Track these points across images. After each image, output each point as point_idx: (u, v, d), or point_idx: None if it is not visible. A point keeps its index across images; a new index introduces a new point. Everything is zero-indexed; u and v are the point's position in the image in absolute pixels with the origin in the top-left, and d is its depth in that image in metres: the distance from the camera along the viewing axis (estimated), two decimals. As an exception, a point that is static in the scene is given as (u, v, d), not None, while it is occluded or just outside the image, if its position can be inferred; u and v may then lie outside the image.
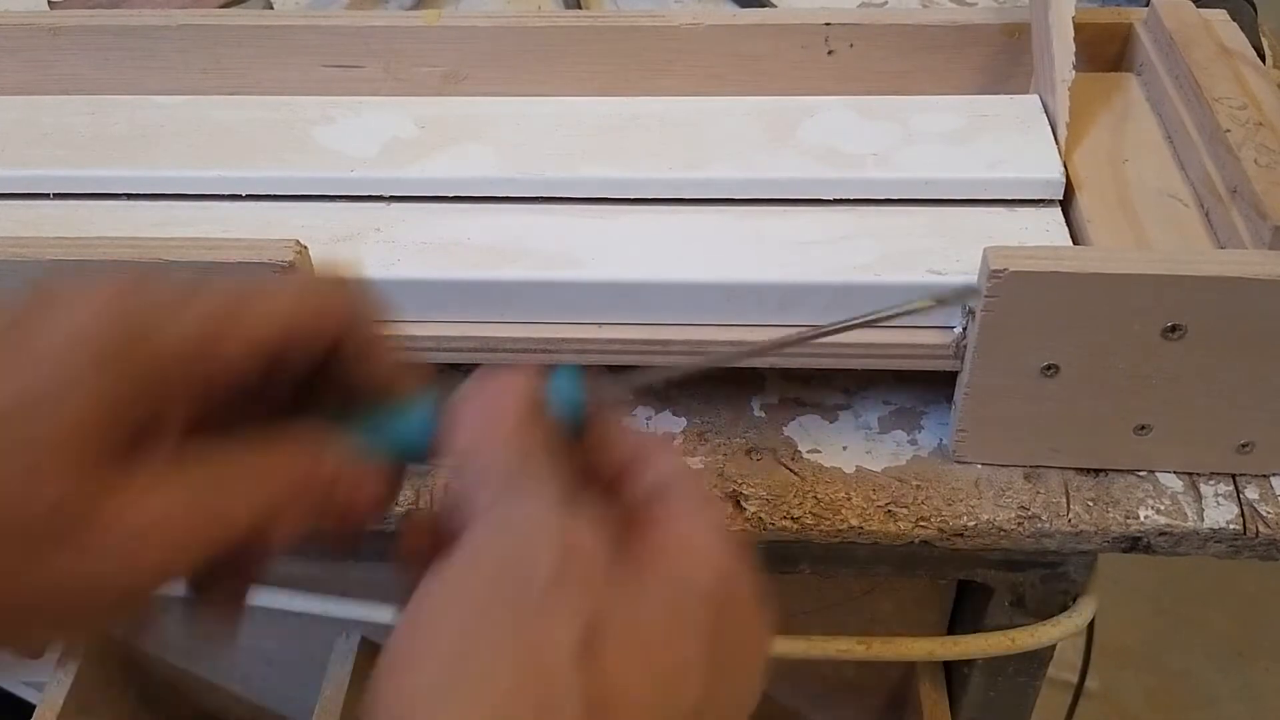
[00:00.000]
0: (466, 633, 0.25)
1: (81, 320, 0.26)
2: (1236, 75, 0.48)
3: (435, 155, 0.48)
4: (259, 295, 0.29)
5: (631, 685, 0.25)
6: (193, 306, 0.28)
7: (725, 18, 0.53)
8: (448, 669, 0.24)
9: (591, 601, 0.25)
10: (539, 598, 0.25)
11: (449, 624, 0.25)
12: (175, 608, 0.61)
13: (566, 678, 0.24)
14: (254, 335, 0.28)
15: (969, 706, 0.62)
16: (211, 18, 0.54)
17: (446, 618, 0.25)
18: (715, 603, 0.27)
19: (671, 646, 0.26)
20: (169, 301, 0.27)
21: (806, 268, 0.43)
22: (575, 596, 0.25)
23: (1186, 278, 0.38)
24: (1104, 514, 0.44)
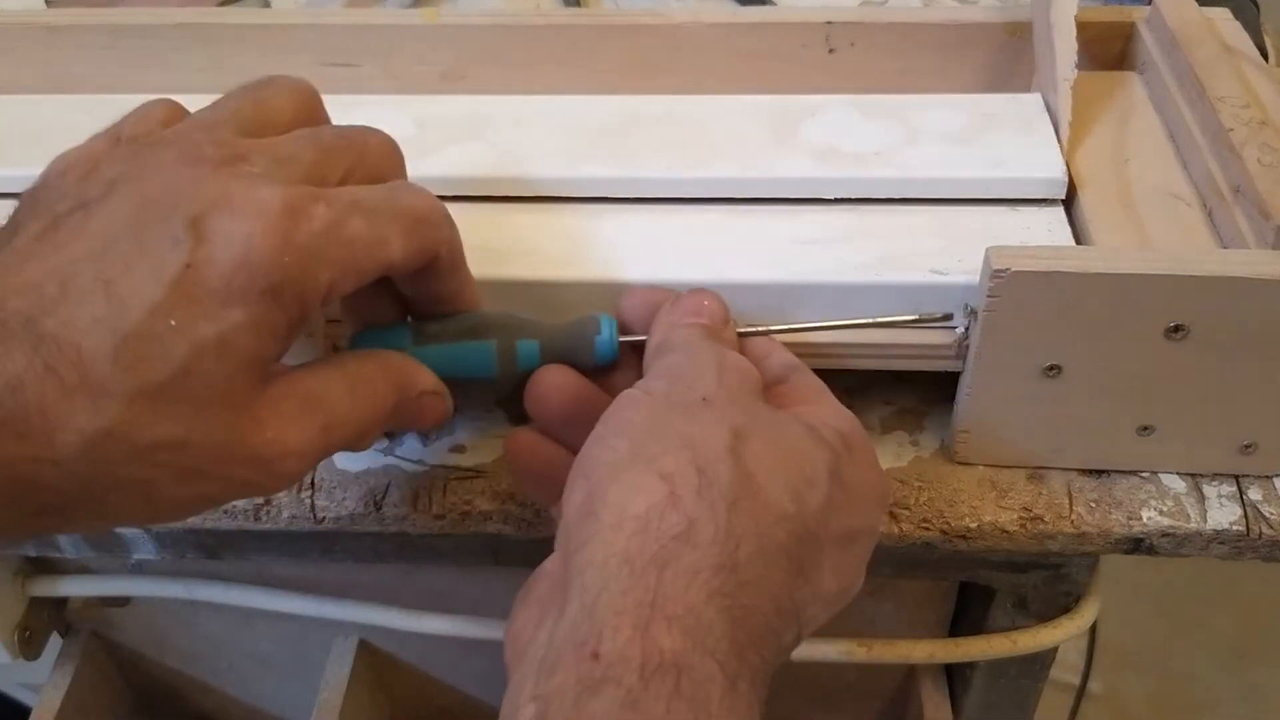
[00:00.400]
0: (648, 425, 0.33)
1: (252, 257, 0.30)
2: (1239, 74, 0.47)
3: (433, 154, 0.48)
4: (380, 232, 0.34)
5: (766, 480, 0.31)
6: (336, 243, 0.32)
7: (725, 16, 0.53)
8: (634, 444, 0.32)
9: (741, 415, 0.33)
10: (700, 404, 0.33)
11: (636, 417, 0.33)
12: (173, 609, 0.61)
13: (717, 459, 0.31)
14: (371, 269, 0.34)
15: (971, 708, 0.62)
16: (209, 16, 0.54)
17: (636, 413, 0.33)
18: (839, 446, 0.34)
19: (800, 464, 0.33)
20: (321, 233, 0.32)
21: (808, 267, 0.43)
22: (728, 407, 0.33)
23: (1189, 278, 0.38)
24: (1107, 515, 0.44)
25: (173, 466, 0.30)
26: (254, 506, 0.46)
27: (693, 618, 0.28)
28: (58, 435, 0.29)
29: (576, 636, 0.28)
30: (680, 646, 0.28)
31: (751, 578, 0.30)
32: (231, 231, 0.31)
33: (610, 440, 0.33)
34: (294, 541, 0.53)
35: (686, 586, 0.28)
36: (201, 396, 0.30)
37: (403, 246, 0.34)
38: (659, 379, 0.35)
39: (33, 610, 0.62)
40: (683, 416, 0.32)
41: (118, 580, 0.60)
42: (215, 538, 0.53)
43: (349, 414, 0.34)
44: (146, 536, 0.53)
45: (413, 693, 0.71)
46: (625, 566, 0.29)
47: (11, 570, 0.60)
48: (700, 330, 0.38)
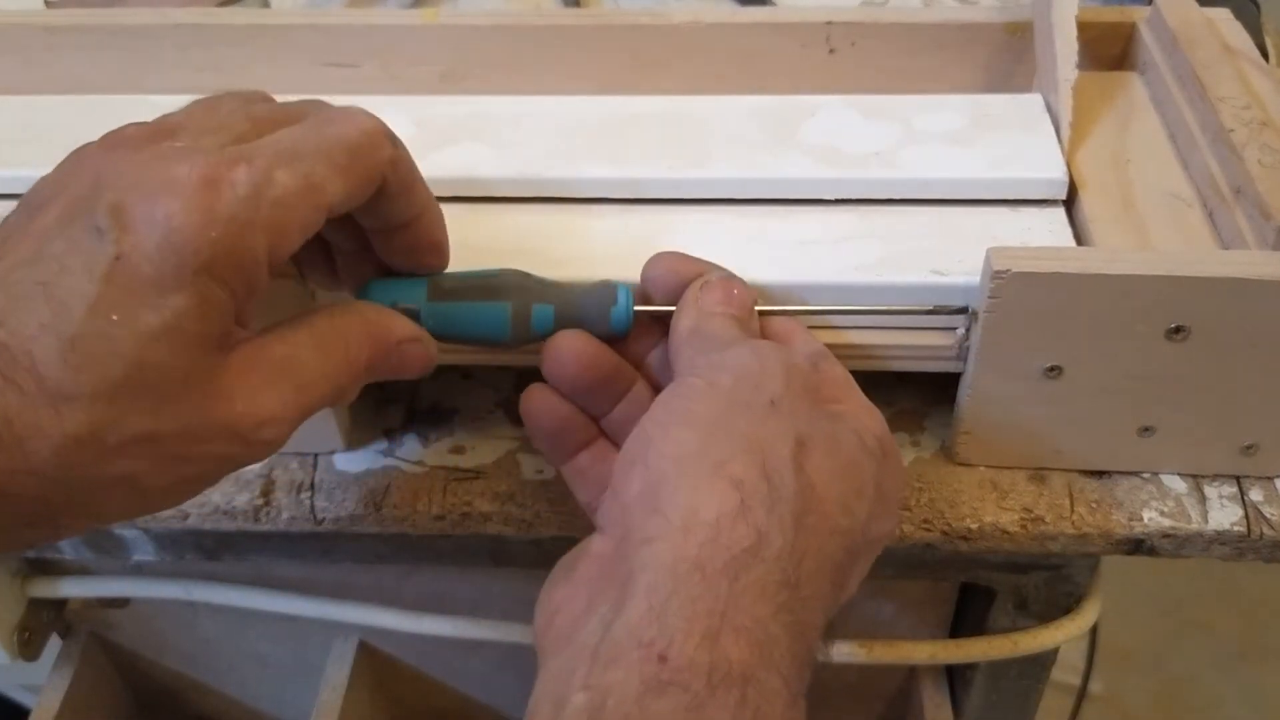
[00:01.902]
0: (715, 421, 0.32)
1: (177, 237, 0.29)
2: (1240, 75, 0.47)
3: (433, 154, 0.48)
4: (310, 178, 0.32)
5: (827, 489, 0.32)
6: (264, 206, 0.31)
7: (726, 16, 0.53)
8: (701, 441, 0.32)
9: (804, 422, 0.33)
10: (768, 407, 0.33)
11: (701, 410, 0.33)
12: (172, 611, 0.61)
13: (784, 467, 0.31)
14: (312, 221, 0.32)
15: (972, 710, 0.62)
16: (208, 16, 0.54)
17: (700, 405, 0.33)
18: (880, 451, 0.35)
19: (852, 475, 0.33)
20: (246, 199, 0.30)
21: (808, 267, 0.43)
22: (792, 413, 0.33)
23: (1190, 279, 0.38)
24: (1108, 516, 0.44)
25: (150, 458, 0.30)
26: (253, 508, 0.46)
27: (761, 631, 0.29)
28: (28, 445, 0.29)
29: (643, 635, 0.28)
30: (748, 659, 0.28)
31: (810, 593, 0.31)
32: (151, 215, 0.30)
33: (674, 430, 0.33)
34: (293, 542, 0.53)
35: (756, 600, 0.29)
36: (161, 385, 0.30)
37: (341, 186, 0.33)
38: (723, 373, 0.34)
39: (32, 611, 0.62)
40: (749, 418, 0.33)
41: (117, 581, 0.60)
42: (215, 539, 0.53)
43: (322, 372, 0.34)
44: (146, 537, 0.53)
45: (412, 693, 0.70)
46: (697, 573, 0.29)
47: (11, 571, 0.60)
48: (736, 323, 0.38)
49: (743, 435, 0.32)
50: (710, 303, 0.38)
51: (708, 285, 0.39)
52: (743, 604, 0.29)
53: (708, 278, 0.39)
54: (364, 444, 0.48)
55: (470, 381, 0.50)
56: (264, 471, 0.47)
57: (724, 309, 0.38)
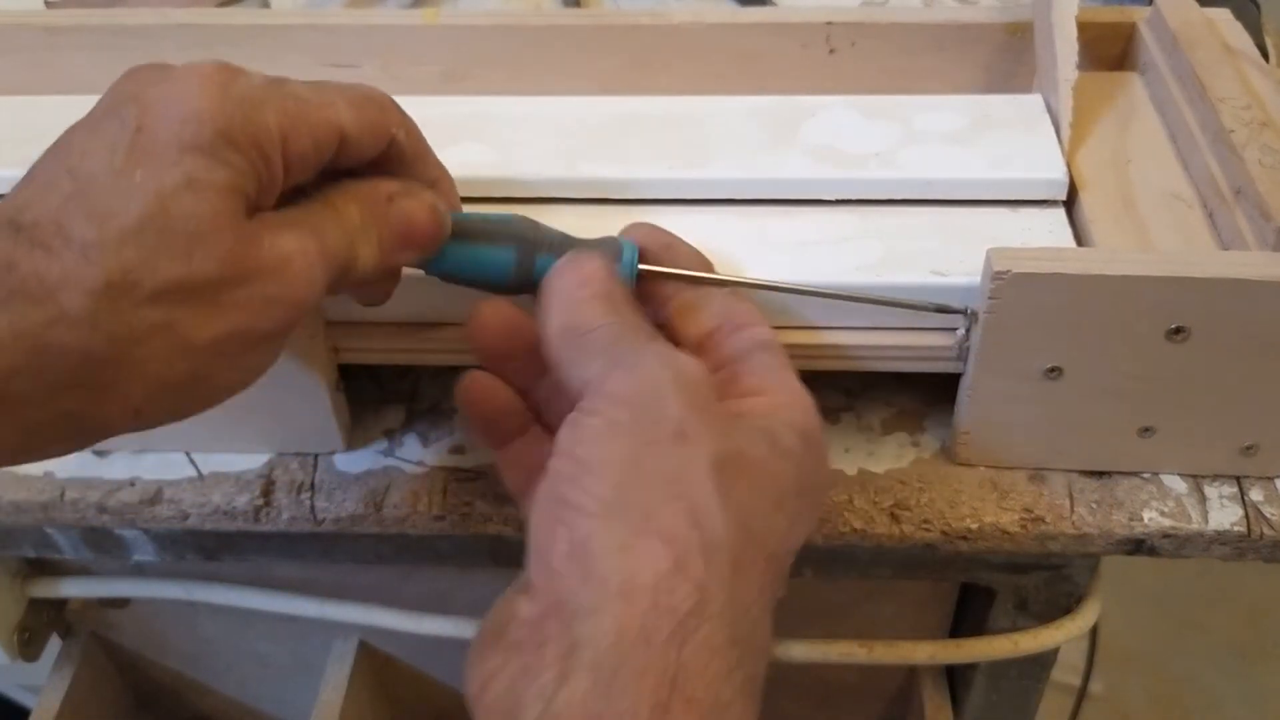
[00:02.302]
0: (625, 466, 0.31)
1: (195, 107, 0.31)
2: (1240, 75, 0.47)
3: (434, 155, 0.48)
4: (322, 95, 0.34)
5: (751, 521, 0.31)
6: (276, 95, 0.33)
7: (726, 16, 0.53)
8: (617, 492, 0.30)
9: (715, 440, 0.32)
10: (675, 438, 0.31)
11: (610, 456, 0.31)
12: (172, 611, 0.61)
13: (709, 505, 0.30)
14: (322, 130, 0.34)
15: (972, 710, 0.62)
16: (209, 16, 0.54)
17: (607, 451, 0.31)
18: (799, 449, 0.34)
19: (772, 484, 0.32)
20: (259, 86, 0.33)
21: (808, 268, 0.43)
22: (701, 435, 0.31)
23: (1190, 279, 0.38)
24: (1108, 516, 0.44)
25: (185, 303, 0.31)
26: (253, 508, 0.46)
27: (711, 698, 0.28)
28: (62, 295, 0.30)
29: (589, 712, 0.27)
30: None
31: (758, 640, 0.30)
32: (171, 93, 0.32)
33: (587, 484, 0.31)
34: (294, 543, 0.53)
35: (706, 664, 0.28)
36: (188, 230, 0.31)
37: (352, 115, 0.35)
38: (617, 407, 0.32)
39: (32, 611, 0.62)
40: (660, 456, 0.31)
41: (117, 581, 0.60)
42: (215, 539, 0.53)
43: (321, 226, 0.35)
44: (146, 537, 0.53)
45: (412, 694, 0.70)
46: (642, 644, 0.28)
47: (11, 571, 0.60)
48: (603, 302, 0.35)
49: (658, 478, 0.31)
50: (571, 287, 0.36)
51: (559, 271, 0.37)
52: (692, 670, 0.28)
53: (557, 265, 0.37)
54: (364, 444, 0.48)
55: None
56: (264, 472, 0.47)
57: (586, 290, 0.36)
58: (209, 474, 0.47)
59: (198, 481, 0.47)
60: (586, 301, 0.36)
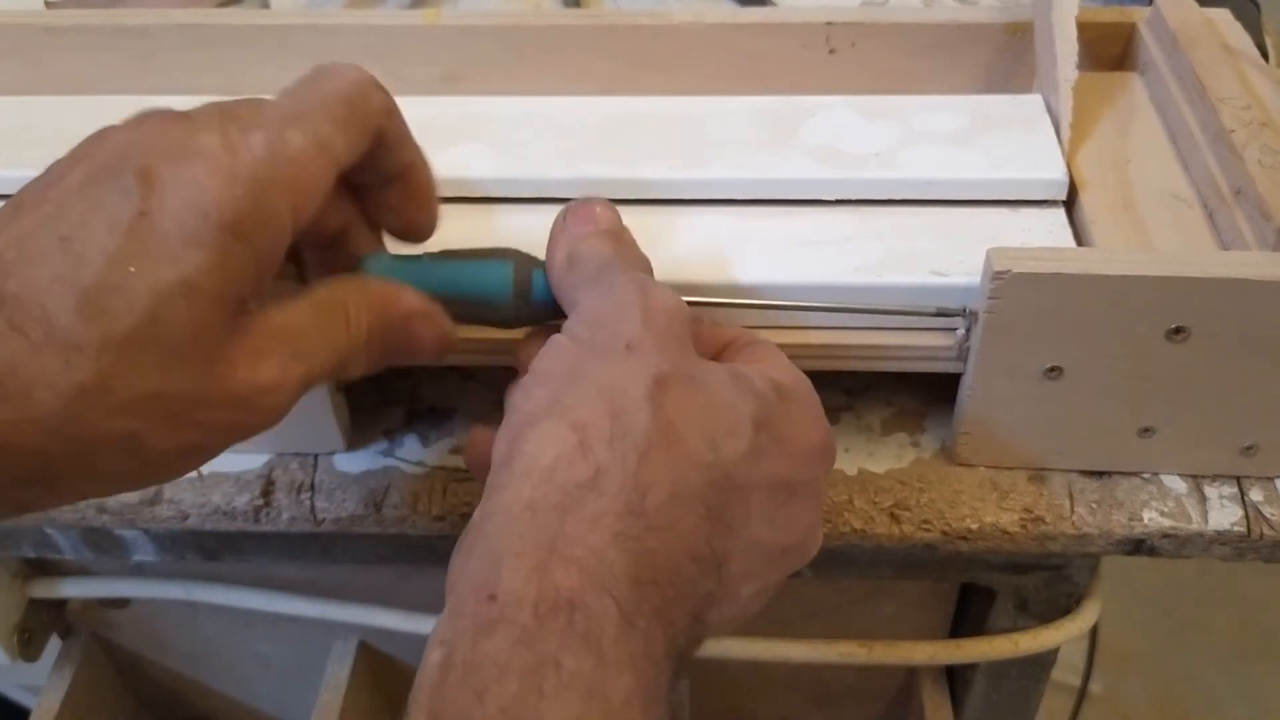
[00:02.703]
0: (568, 374, 0.33)
1: (203, 197, 0.30)
2: (1240, 75, 0.47)
3: (433, 155, 0.47)
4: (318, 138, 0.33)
5: (684, 427, 0.31)
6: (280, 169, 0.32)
7: (726, 17, 0.53)
8: (553, 394, 0.32)
9: (665, 361, 0.32)
10: (623, 352, 0.32)
11: (558, 367, 0.33)
12: (172, 611, 0.61)
13: (634, 406, 0.31)
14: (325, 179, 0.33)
15: (972, 710, 0.62)
16: (209, 16, 0.54)
17: (557, 362, 0.33)
18: (771, 395, 0.34)
19: (720, 412, 0.32)
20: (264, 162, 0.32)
21: (808, 268, 0.43)
22: (651, 353, 0.32)
23: (1190, 279, 0.38)
24: (1108, 516, 0.44)
25: (153, 417, 0.30)
26: (253, 508, 0.46)
27: (593, 558, 0.29)
28: (34, 394, 0.29)
29: (477, 580, 0.29)
30: (576, 585, 0.28)
31: (661, 523, 0.30)
32: (178, 177, 0.31)
33: (532, 389, 0.33)
34: (294, 543, 0.53)
35: (589, 530, 0.29)
36: (171, 343, 0.30)
37: (344, 140, 0.34)
38: (582, 324, 0.34)
39: (32, 612, 0.62)
40: (603, 364, 0.32)
41: (117, 582, 0.60)
42: (215, 539, 0.53)
43: (321, 341, 0.34)
44: (146, 538, 0.53)
45: (413, 694, 0.70)
46: (528, 512, 0.29)
47: (11, 572, 0.60)
48: (607, 239, 0.37)
49: (593, 380, 0.32)
50: (576, 226, 0.38)
51: (570, 212, 0.38)
52: (574, 535, 0.29)
53: (568, 205, 0.39)
54: (364, 445, 0.48)
55: (470, 382, 0.50)
56: (264, 472, 0.47)
57: (591, 227, 0.37)
58: (209, 474, 0.47)
59: (197, 481, 0.47)
60: (590, 237, 0.37)
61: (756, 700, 0.69)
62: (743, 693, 0.68)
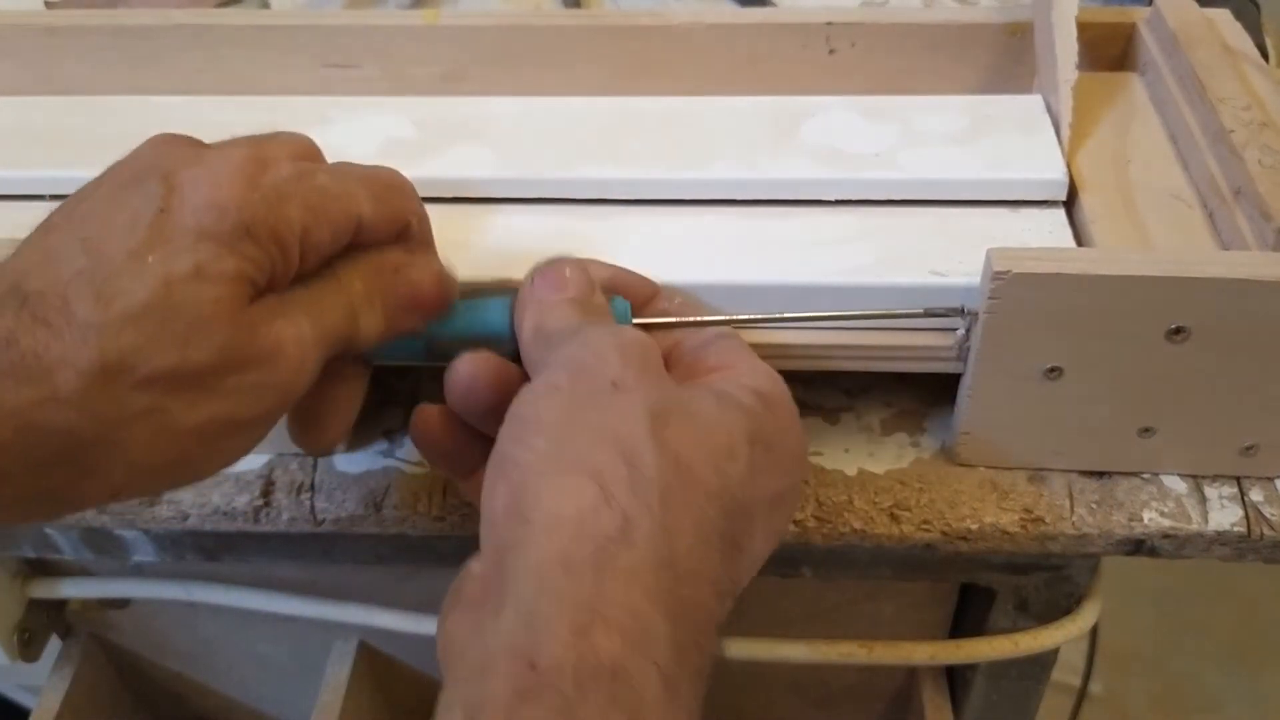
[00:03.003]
0: (564, 419, 0.32)
1: (222, 196, 0.32)
2: (1240, 75, 0.47)
3: (433, 156, 0.48)
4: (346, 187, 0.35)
5: (692, 456, 0.31)
6: (301, 189, 0.33)
7: (726, 17, 0.53)
8: (555, 443, 0.31)
9: (653, 392, 0.32)
10: (610, 391, 0.32)
11: (549, 414, 0.32)
12: (172, 611, 0.61)
13: (642, 446, 0.31)
14: (342, 221, 0.35)
15: (972, 710, 0.62)
16: (209, 17, 0.54)
17: (547, 409, 0.32)
18: (757, 407, 0.34)
19: (716, 436, 0.32)
20: (286, 180, 0.33)
21: (808, 269, 0.43)
22: (638, 388, 0.32)
23: (1190, 280, 0.38)
24: (1108, 517, 0.44)
25: (176, 390, 0.31)
26: (253, 509, 0.46)
27: (632, 620, 0.28)
28: (57, 374, 0.30)
29: (513, 643, 0.28)
30: (618, 651, 0.27)
31: (690, 568, 0.30)
32: (201, 178, 0.32)
33: (527, 439, 0.32)
34: (294, 543, 0.53)
35: (626, 588, 0.28)
36: (188, 318, 0.31)
37: (371, 206, 0.35)
38: (559, 371, 0.34)
39: (32, 612, 0.62)
40: (596, 407, 0.32)
41: (117, 582, 0.60)
42: (215, 539, 0.53)
43: (322, 304, 0.35)
44: (146, 538, 0.53)
45: (412, 695, 0.70)
46: (561, 569, 0.28)
47: (11, 572, 0.60)
48: (575, 307, 0.37)
49: (592, 426, 0.31)
50: (544, 291, 0.38)
51: (539, 273, 0.38)
52: (613, 594, 0.28)
53: (536, 267, 0.39)
54: (364, 445, 0.48)
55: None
56: (264, 473, 0.47)
57: (559, 295, 0.37)
58: (209, 474, 0.47)
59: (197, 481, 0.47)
60: (559, 305, 0.37)
61: (756, 700, 0.69)
62: (743, 693, 0.68)
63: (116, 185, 0.33)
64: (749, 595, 0.35)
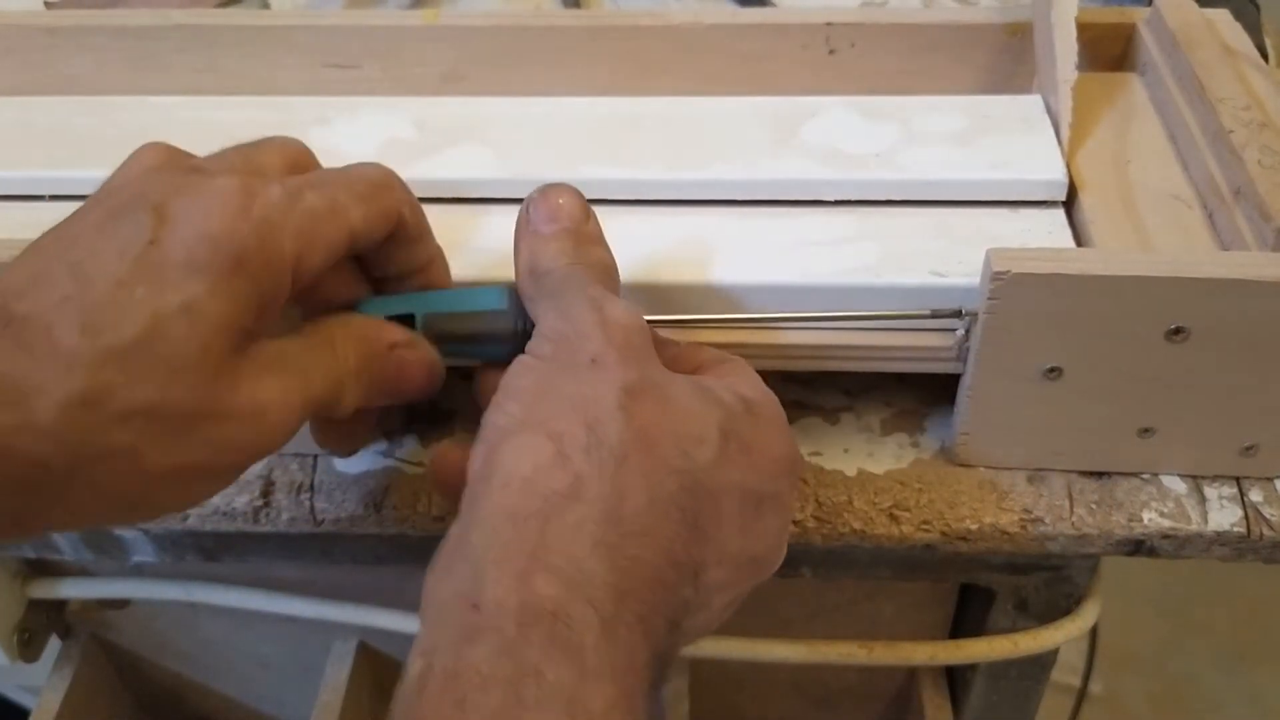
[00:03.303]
0: (539, 389, 0.33)
1: (213, 229, 0.32)
2: (1240, 76, 0.47)
3: (433, 156, 0.48)
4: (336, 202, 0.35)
5: (656, 434, 0.32)
6: (293, 216, 0.33)
7: (725, 17, 0.53)
8: (526, 408, 0.32)
9: (630, 371, 0.33)
10: (589, 365, 0.33)
11: (527, 382, 0.33)
12: (172, 612, 0.61)
13: (607, 416, 0.31)
14: (335, 240, 0.35)
15: (972, 711, 0.62)
16: (209, 17, 0.54)
17: (526, 378, 0.33)
18: (737, 407, 0.34)
19: (688, 420, 0.33)
20: (278, 206, 0.33)
21: (808, 269, 0.43)
22: (616, 365, 0.33)
23: (1190, 280, 0.38)
24: (1107, 517, 0.44)
25: (153, 431, 0.31)
26: (253, 509, 0.46)
27: (573, 567, 0.29)
28: (34, 402, 0.30)
29: (461, 589, 0.29)
30: (558, 594, 0.28)
31: (639, 529, 0.30)
32: (191, 209, 0.32)
33: (505, 405, 0.33)
34: (293, 543, 0.53)
35: (570, 539, 0.29)
36: (173, 359, 0.31)
37: (363, 213, 0.35)
38: (545, 342, 0.35)
39: (32, 612, 0.62)
40: (572, 378, 0.33)
41: (117, 582, 0.60)
42: (214, 540, 0.53)
43: (313, 368, 0.35)
44: (145, 538, 0.53)
45: (412, 694, 0.70)
46: (509, 522, 0.30)
47: (11, 572, 0.60)
48: (567, 239, 0.37)
49: (565, 395, 0.32)
50: (538, 220, 0.38)
51: (533, 203, 0.38)
52: (555, 543, 0.29)
53: (531, 195, 0.39)
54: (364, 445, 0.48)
55: (470, 383, 0.50)
56: (264, 473, 0.47)
57: (553, 226, 0.37)
58: (209, 475, 0.47)
59: (197, 482, 0.47)
60: (550, 239, 0.37)
61: (756, 700, 0.69)
62: (743, 693, 0.68)
63: (106, 212, 0.33)
64: (749, 595, 0.35)
